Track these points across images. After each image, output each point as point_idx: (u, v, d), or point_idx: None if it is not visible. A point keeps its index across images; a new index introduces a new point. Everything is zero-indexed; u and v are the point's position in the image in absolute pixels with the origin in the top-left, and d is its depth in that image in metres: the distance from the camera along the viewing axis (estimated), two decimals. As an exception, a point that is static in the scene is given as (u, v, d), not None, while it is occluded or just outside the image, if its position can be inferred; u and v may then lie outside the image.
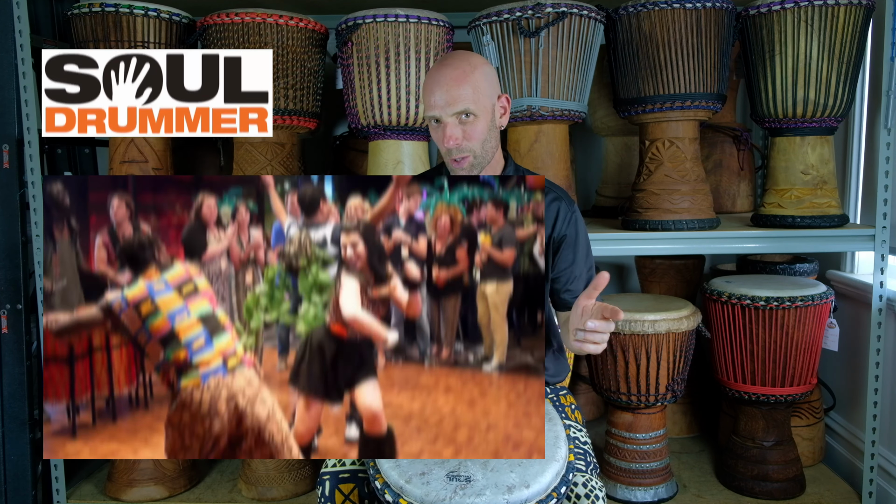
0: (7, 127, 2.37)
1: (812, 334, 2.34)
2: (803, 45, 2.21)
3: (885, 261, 2.28)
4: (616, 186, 2.99)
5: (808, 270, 2.79)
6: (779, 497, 2.40)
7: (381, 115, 2.25)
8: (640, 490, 2.42)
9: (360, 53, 2.22)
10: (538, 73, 2.18)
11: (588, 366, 2.52)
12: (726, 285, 2.42)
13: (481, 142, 1.52)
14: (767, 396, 2.37)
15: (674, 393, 2.37)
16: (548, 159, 2.28)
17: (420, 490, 1.20)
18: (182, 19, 2.36)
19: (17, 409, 2.44)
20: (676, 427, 2.93)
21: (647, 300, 2.52)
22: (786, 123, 2.31)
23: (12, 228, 2.40)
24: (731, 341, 2.40)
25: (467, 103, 1.47)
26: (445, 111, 1.48)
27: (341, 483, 1.46)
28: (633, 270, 3.20)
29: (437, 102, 1.48)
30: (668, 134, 2.32)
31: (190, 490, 2.55)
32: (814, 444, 2.66)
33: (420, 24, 2.19)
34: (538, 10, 2.12)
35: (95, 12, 2.25)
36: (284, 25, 2.25)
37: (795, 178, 2.32)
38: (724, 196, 2.93)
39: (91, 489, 2.58)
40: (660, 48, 2.24)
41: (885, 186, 2.25)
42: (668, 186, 2.32)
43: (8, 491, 2.45)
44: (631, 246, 2.35)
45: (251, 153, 2.39)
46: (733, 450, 2.49)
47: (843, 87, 2.25)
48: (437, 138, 1.53)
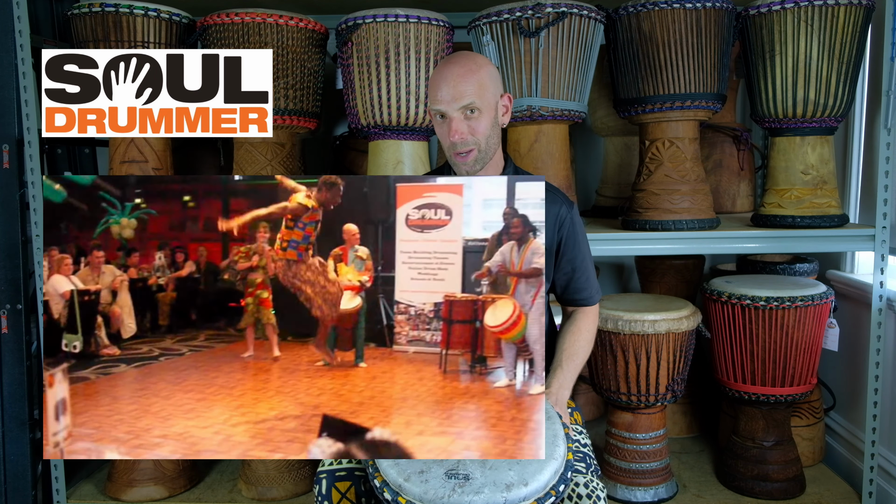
0: (7, 127, 2.37)
1: (812, 334, 2.33)
2: (803, 45, 2.21)
3: (885, 261, 2.28)
4: (616, 186, 2.99)
5: (808, 270, 2.79)
6: (779, 497, 2.40)
7: (381, 115, 2.25)
8: (640, 490, 2.41)
9: (360, 53, 2.22)
10: (538, 73, 2.18)
11: (588, 366, 2.52)
12: (726, 285, 2.42)
13: (485, 137, 1.55)
14: (767, 396, 2.37)
15: (674, 393, 2.37)
16: (548, 159, 2.28)
17: (419, 488, 1.20)
18: (182, 19, 2.36)
19: (17, 409, 2.44)
20: (676, 427, 2.93)
21: (647, 300, 2.52)
22: (786, 123, 2.31)
23: (12, 228, 2.40)
24: (731, 341, 2.40)
25: (472, 98, 1.50)
26: (451, 106, 1.51)
27: (338, 481, 1.46)
28: (633, 270, 3.20)
29: (443, 97, 1.51)
30: (668, 134, 2.32)
31: (190, 490, 2.55)
32: (814, 444, 2.66)
33: (420, 24, 2.19)
34: (538, 10, 2.12)
35: (95, 12, 2.25)
36: (284, 25, 2.26)
37: (795, 178, 2.32)
38: (724, 196, 2.93)
39: (91, 489, 2.58)
40: (660, 48, 2.24)
41: (885, 186, 2.24)
42: (668, 186, 2.32)
43: (8, 491, 2.45)
44: (631, 246, 2.35)
45: (251, 153, 2.40)
46: (733, 450, 2.49)
47: (843, 87, 2.25)
48: (442, 133, 1.55)
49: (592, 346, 1.73)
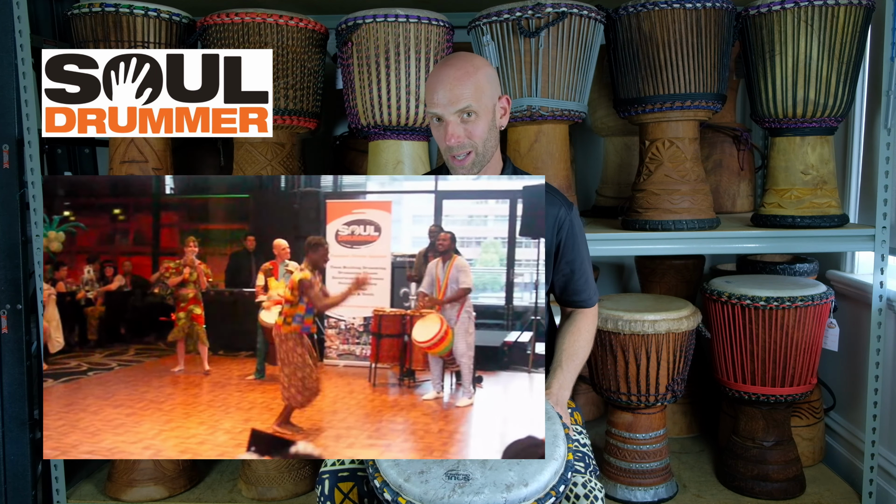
0: (7, 127, 2.37)
1: (812, 334, 2.33)
2: (803, 45, 2.21)
3: (885, 261, 2.28)
4: (616, 186, 2.99)
5: (808, 270, 2.79)
6: (779, 497, 2.40)
7: (381, 115, 2.25)
8: (640, 490, 2.41)
9: (360, 53, 2.22)
10: (538, 73, 2.18)
11: (588, 366, 2.51)
12: (726, 285, 2.42)
13: (483, 140, 1.54)
14: (767, 396, 2.37)
15: (674, 393, 2.37)
16: (548, 159, 2.28)
17: (419, 488, 1.19)
18: (182, 19, 2.36)
19: (17, 409, 2.44)
20: (676, 427, 2.93)
21: (647, 300, 2.52)
22: (786, 123, 2.31)
23: (12, 228, 2.40)
24: (731, 341, 2.40)
25: (469, 101, 1.49)
26: (448, 109, 1.50)
27: (340, 482, 1.46)
28: (633, 270, 3.20)
29: (439, 100, 1.50)
30: (668, 134, 2.32)
31: (190, 490, 2.55)
32: (814, 444, 2.66)
33: (420, 24, 2.19)
34: (538, 10, 2.12)
35: (95, 12, 2.25)
36: (284, 25, 2.26)
37: (795, 178, 2.32)
38: (724, 196, 2.93)
39: (91, 489, 2.57)
40: (660, 48, 2.24)
41: (885, 186, 2.24)
42: (668, 186, 2.32)
43: (8, 491, 2.45)
44: (631, 246, 2.35)
45: (251, 153, 2.39)
46: (733, 450, 2.49)
47: (843, 87, 2.25)
48: (439, 136, 1.54)
49: (592, 347, 1.73)
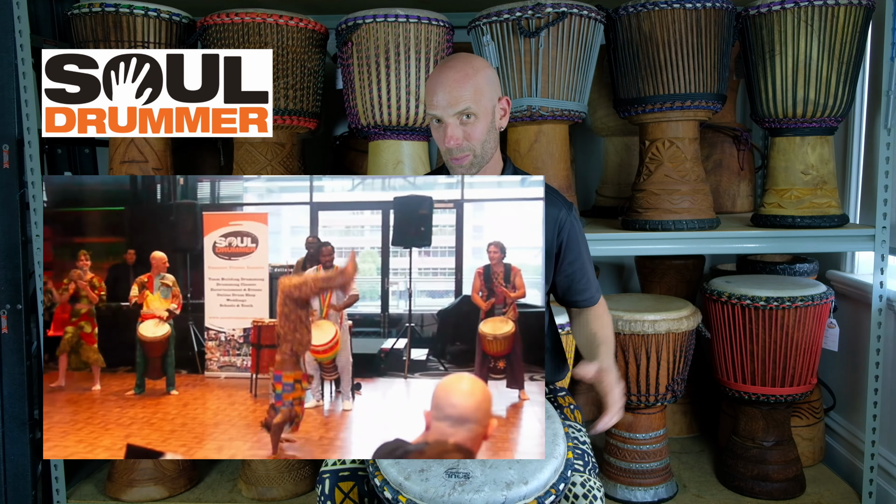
0: (7, 127, 2.37)
1: (812, 334, 2.33)
2: (803, 45, 2.21)
3: (885, 261, 2.28)
4: (616, 186, 2.99)
5: (808, 270, 2.79)
6: (779, 497, 2.40)
7: (381, 115, 2.25)
8: (640, 490, 2.41)
9: (360, 53, 2.22)
10: (538, 73, 2.18)
11: (588, 366, 2.51)
12: (726, 285, 2.42)
13: (481, 142, 1.54)
14: (767, 396, 2.37)
15: (674, 393, 2.37)
16: (548, 159, 2.28)
17: (419, 487, 1.19)
18: (182, 19, 2.36)
19: (17, 409, 2.44)
20: (676, 427, 2.93)
21: (647, 300, 2.52)
22: (786, 123, 2.31)
23: (12, 228, 2.40)
24: (731, 341, 2.40)
25: (468, 103, 1.49)
26: (447, 111, 1.50)
27: (341, 481, 1.46)
28: (633, 270, 3.20)
29: (439, 102, 1.50)
30: (668, 134, 2.32)
31: (190, 490, 2.55)
32: (814, 444, 2.66)
33: (420, 24, 2.19)
34: (538, 10, 2.12)
35: (95, 12, 2.25)
36: (284, 25, 2.26)
37: (795, 178, 2.32)
38: (724, 196, 2.93)
39: (91, 489, 2.58)
40: (660, 48, 2.24)
41: (885, 186, 2.25)
42: (668, 186, 2.32)
43: (8, 491, 2.45)
44: (631, 246, 2.35)
45: (251, 153, 2.40)
46: (733, 450, 2.49)
47: (843, 87, 2.25)
48: (438, 138, 1.55)
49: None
